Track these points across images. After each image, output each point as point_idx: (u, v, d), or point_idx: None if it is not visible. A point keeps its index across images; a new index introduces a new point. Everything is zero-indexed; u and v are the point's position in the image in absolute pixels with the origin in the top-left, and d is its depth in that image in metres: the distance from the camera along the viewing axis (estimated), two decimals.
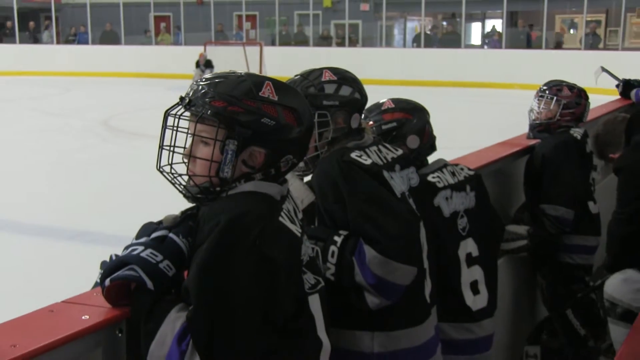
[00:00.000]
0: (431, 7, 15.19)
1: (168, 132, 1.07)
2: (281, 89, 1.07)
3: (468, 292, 1.53)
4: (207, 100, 1.04)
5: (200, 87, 1.06)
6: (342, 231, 1.24)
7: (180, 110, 1.07)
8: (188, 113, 1.07)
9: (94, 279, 1.06)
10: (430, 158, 1.65)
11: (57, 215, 4.58)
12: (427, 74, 12.71)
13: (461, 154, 2.15)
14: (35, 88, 12.84)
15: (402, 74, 12.77)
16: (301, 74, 1.37)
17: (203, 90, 1.05)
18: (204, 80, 1.08)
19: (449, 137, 2.57)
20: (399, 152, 1.41)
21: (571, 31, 16.24)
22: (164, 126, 1.07)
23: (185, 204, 1.10)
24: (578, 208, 2.22)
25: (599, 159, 2.49)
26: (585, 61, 8.96)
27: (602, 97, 4.05)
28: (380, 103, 1.64)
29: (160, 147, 1.06)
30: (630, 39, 14.75)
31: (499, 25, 14.86)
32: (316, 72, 1.36)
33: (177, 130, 1.07)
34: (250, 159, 1.05)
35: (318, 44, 15.14)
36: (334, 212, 1.26)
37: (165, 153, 1.06)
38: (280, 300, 1.00)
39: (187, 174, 1.07)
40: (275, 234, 1.01)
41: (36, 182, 5.65)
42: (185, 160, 1.07)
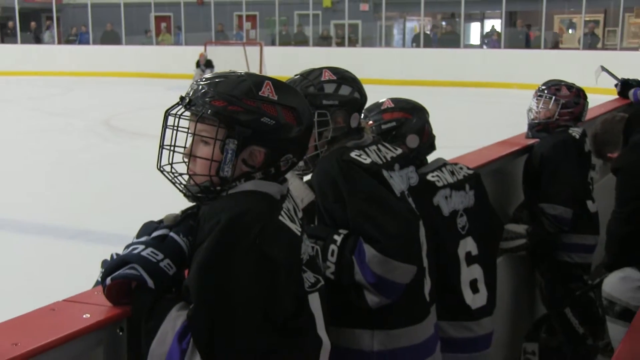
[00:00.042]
0: (430, 7, 15.20)
1: (168, 132, 1.07)
2: (281, 88, 1.07)
3: (467, 291, 1.54)
4: (207, 99, 1.04)
5: (200, 87, 1.06)
6: (342, 230, 1.25)
7: (181, 109, 1.07)
8: (188, 113, 1.07)
9: (95, 278, 1.07)
10: (429, 157, 1.66)
11: (59, 215, 4.58)
12: (427, 73, 12.71)
13: (460, 153, 2.15)
14: (36, 88, 12.84)
15: (402, 73, 12.77)
16: (301, 74, 1.38)
17: (203, 90, 1.05)
18: (204, 80, 1.08)
19: (448, 137, 2.58)
20: (399, 152, 1.41)
21: (570, 31, 16.24)
22: (164, 126, 1.07)
23: (185, 203, 1.10)
24: (576, 207, 2.22)
25: (597, 158, 2.50)
26: (584, 61, 8.98)
27: (601, 97, 4.05)
28: (379, 102, 1.64)
29: (161, 147, 1.06)
30: (628, 38, 14.75)
31: (497, 25, 14.88)
32: (316, 72, 1.36)
33: (178, 130, 1.07)
34: (250, 158, 1.06)
35: (318, 44, 15.14)
36: (334, 211, 1.26)
37: (165, 152, 1.06)
38: (280, 298, 1.00)
39: (188, 173, 1.07)
40: (275, 233, 1.02)
41: (38, 182, 5.65)
42: (186, 160, 1.07)
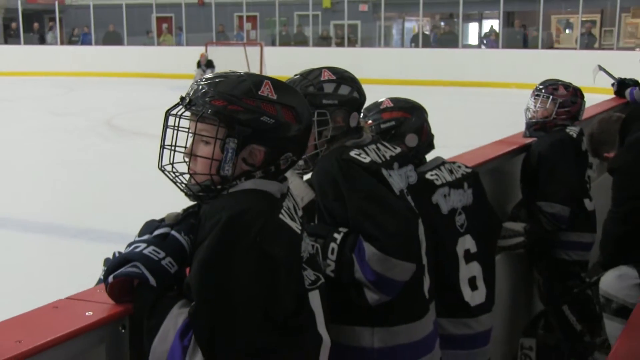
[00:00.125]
0: (429, 8, 15.21)
1: (169, 132, 1.07)
2: (280, 88, 1.08)
3: (466, 288, 1.54)
4: (207, 99, 1.05)
5: (200, 87, 1.07)
6: (342, 228, 1.25)
7: (181, 109, 1.08)
8: (189, 113, 1.07)
9: (98, 276, 1.07)
10: (428, 156, 1.66)
11: (61, 213, 4.59)
12: (425, 73, 12.71)
13: (459, 152, 2.16)
14: (39, 88, 12.83)
15: (401, 73, 12.77)
16: (301, 74, 1.38)
17: (203, 90, 1.06)
18: (204, 80, 1.09)
19: (446, 136, 2.59)
20: (398, 151, 1.42)
21: (567, 31, 16.27)
22: (165, 126, 1.08)
23: (186, 202, 1.10)
24: (574, 205, 2.23)
25: (594, 158, 2.51)
26: (581, 61, 9.00)
27: (598, 96, 4.07)
28: (379, 102, 1.64)
29: (162, 147, 1.07)
30: (625, 38, 14.78)
31: (495, 25, 14.90)
32: (315, 72, 1.37)
33: (178, 130, 1.08)
34: (250, 157, 1.06)
35: (317, 44, 15.16)
36: (334, 210, 1.27)
37: (166, 152, 1.07)
38: (280, 296, 1.01)
39: (189, 173, 1.07)
40: (275, 231, 1.02)
41: (40, 181, 5.65)
42: (186, 159, 1.08)
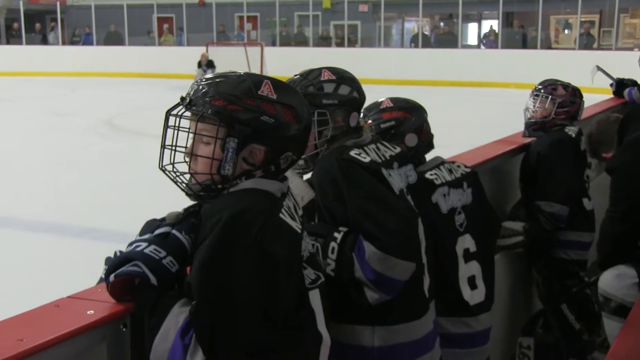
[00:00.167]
0: (428, 8, 15.22)
1: (170, 132, 1.08)
2: (279, 87, 1.08)
3: (466, 287, 1.55)
4: (208, 99, 1.05)
5: (200, 87, 1.07)
6: (342, 228, 1.26)
7: (181, 110, 1.08)
8: (189, 113, 1.08)
9: (99, 275, 1.07)
10: (427, 156, 1.67)
11: (62, 213, 4.60)
12: (425, 73, 12.73)
13: (458, 151, 2.17)
14: (41, 88, 12.85)
15: (400, 73, 12.79)
16: (301, 74, 1.39)
17: (203, 90, 1.06)
18: (204, 80, 1.09)
19: (446, 135, 2.60)
20: (397, 150, 1.42)
21: (566, 31, 16.30)
22: (166, 126, 1.08)
23: (187, 201, 1.11)
24: (573, 205, 2.24)
25: (592, 158, 2.52)
26: (580, 61, 9.01)
27: (596, 96, 4.08)
28: (379, 102, 1.65)
29: (162, 147, 1.07)
30: (623, 39, 14.81)
31: (494, 26, 14.91)
32: (315, 72, 1.37)
33: (179, 130, 1.08)
34: (250, 156, 1.07)
35: (318, 44, 15.18)
36: (334, 209, 1.27)
37: (167, 152, 1.07)
38: (281, 295, 1.02)
39: (189, 172, 1.08)
40: (276, 230, 1.03)
41: (42, 180, 5.66)
42: (187, 159, 1.08)
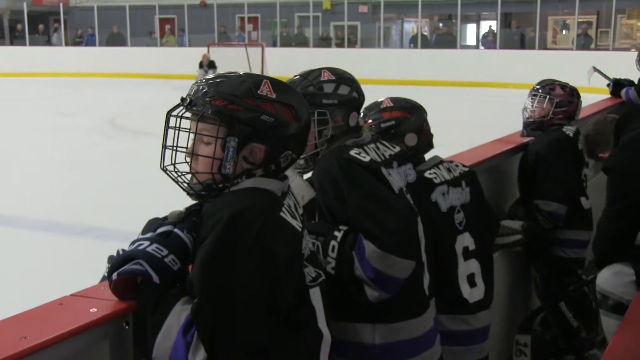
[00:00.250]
0: (428, 9, 15.26)
1: (170, 132, 1.08)
2: (279, 87, 1.09)
3: (465, 285, 1.56)
4: (208, 99, 1.06)
5: (200, 87, 1.08)
6: (342, 226, 1.26)
7: (182, 110, 1.09)
8: (189, 113, 1.09)
9: (102, 273, 1.08)
10: (426, 155, 1.67)
11: (66, 212, 4.62)
12: (424, 73, 12.75)
13: (457, 151, 2.18)
14: (44, 88, 12.87)
15: (400, 73, 12.80)
16: (301, 74, 1.40)
17: (204, 90, 1.07)
18: (204, 81, 1.10)
19: (445, 135, 2.61)
20: (397, 149, 1.43)
21: (563, 32, 16.34)
22: (166, 126, 1.09)
23: (189, 200, 1.11)
24: (571, 203, 2.25)
25: (589, 158, 2.53)
26: (577, 61, 9.02)
27: (594, 96, 4.10)
28: (379, 102, 1.66)
29: (163, 147, 1.08)
30: (620, 39, 14.86)
31: (493, 26, 14.93)
32: (315, 72, 1.38)
33: (180, 130, 1.09)
34: (250, 155, 1.07)
35: (318, 45, 15.19)
36: (334, 208, 1.28)
37: (168, 152, 1.08)
38: (281, 293, 1.02)
39: (191, 172, 1.08)
40: (276, 229, 1.04)
41: (45, 180, 5.68)
42: (188, 160, 1.09)
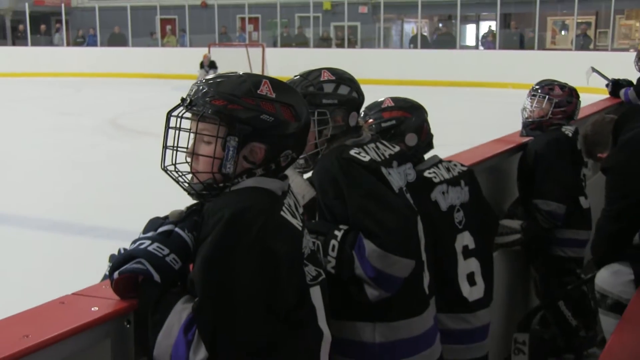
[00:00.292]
0: (427, 10, 15.27)
1: (171, 133, 1.09)
2: (278, 87, 1.10)
3: (464, 284, 1.56)
4: (208, 99, 1.07)
5: (200, 88, 1.09)
6: (342, 226, 1.27)
7: (182, 110, 1.09)
8: (190, 113, 1.09)
9: (103, 272, 1.08)
10: (425, 155, 1.68)
11: (67, 211, 4.63)
12: (424, 74, 12.76)
13: (457, 150, 2.18)
14: (46, 89, 12.88)
15: (400, 74, 12.81)
16: (301, 74, 1.40)
17: (204, 90, 1.08)
18: (204, 81, 1.10)
19: (445, 135, 2.61)
20: (396, 149, 1.44)
21: (562, 32, 16.35)
22: (167, 127, 1.09)
23: (190, 200, 1.12)
24: (569, 203, 2.26)
25: (588, 158, 2.54)
26: (576, 61, 9.03)
27: (593, 96, 4.10)
28: (379, 101, 1.66)
29: (164, 147, 1.09)
30: (619, 40, 14.89)
31: (492, 27, 14.95)
32: (315, 73, 1.39)
33: (180, 130, 1.10)
34: (251, 154, 1.08)
35: (318, 45, 15.21)
36: (334, 208, 1.29)
37: (169, 152, 1.08)
38: (282, 292, 1.03)
39: (191, 172, 1.09)
40: (277, 228, 1.04)
41: (47, 179, 5.69)
42: (189, 160, 1.09)
